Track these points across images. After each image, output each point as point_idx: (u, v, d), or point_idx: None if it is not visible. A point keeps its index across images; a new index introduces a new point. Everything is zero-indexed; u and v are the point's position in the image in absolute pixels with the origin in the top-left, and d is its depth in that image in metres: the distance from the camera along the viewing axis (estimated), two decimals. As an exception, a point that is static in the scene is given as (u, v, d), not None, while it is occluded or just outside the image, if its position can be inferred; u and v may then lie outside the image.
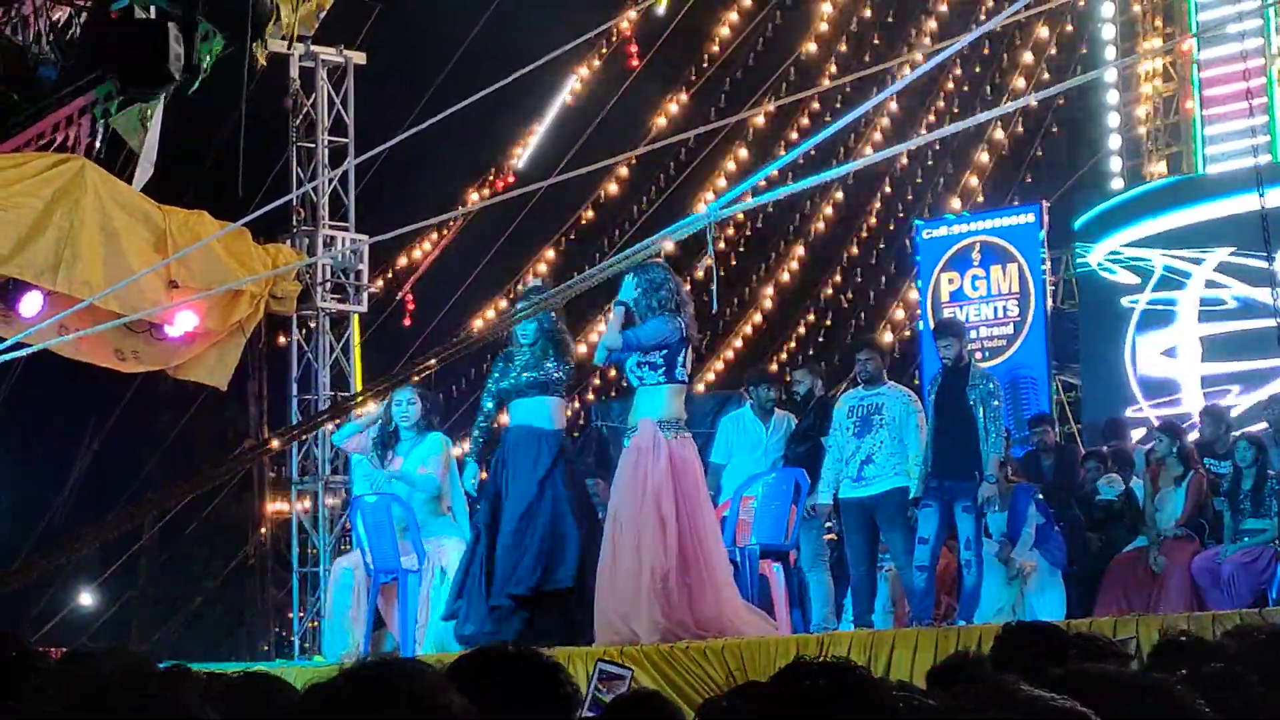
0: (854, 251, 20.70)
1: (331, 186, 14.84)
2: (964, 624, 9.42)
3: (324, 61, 15.00)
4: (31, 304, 12.54)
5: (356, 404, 13.85)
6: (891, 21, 19.92)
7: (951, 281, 16.34)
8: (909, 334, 19.09)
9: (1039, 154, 19.85)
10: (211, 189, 14.93)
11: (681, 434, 9.32)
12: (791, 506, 10.67)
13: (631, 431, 9.39)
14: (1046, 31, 19.54)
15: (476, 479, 10.26)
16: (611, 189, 19.19)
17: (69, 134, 13.71)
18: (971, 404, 10.10)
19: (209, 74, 12.37)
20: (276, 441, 13.45)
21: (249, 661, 13.87)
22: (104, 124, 13.41)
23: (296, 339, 14.93)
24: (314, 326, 14.90)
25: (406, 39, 18.02)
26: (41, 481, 18.88)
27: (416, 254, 17.99)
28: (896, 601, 11.26)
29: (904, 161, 20.26)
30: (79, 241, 12.37)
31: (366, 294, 15.14)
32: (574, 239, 19.18)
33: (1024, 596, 11.46)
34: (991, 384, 10.30)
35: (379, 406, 11.11)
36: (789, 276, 20.69)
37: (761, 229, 20.48)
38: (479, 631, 9.66)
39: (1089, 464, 12.58)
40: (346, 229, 14.96)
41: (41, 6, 12.62)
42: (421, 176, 18.98)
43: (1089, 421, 15.95)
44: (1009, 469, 11.67)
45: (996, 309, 16.11)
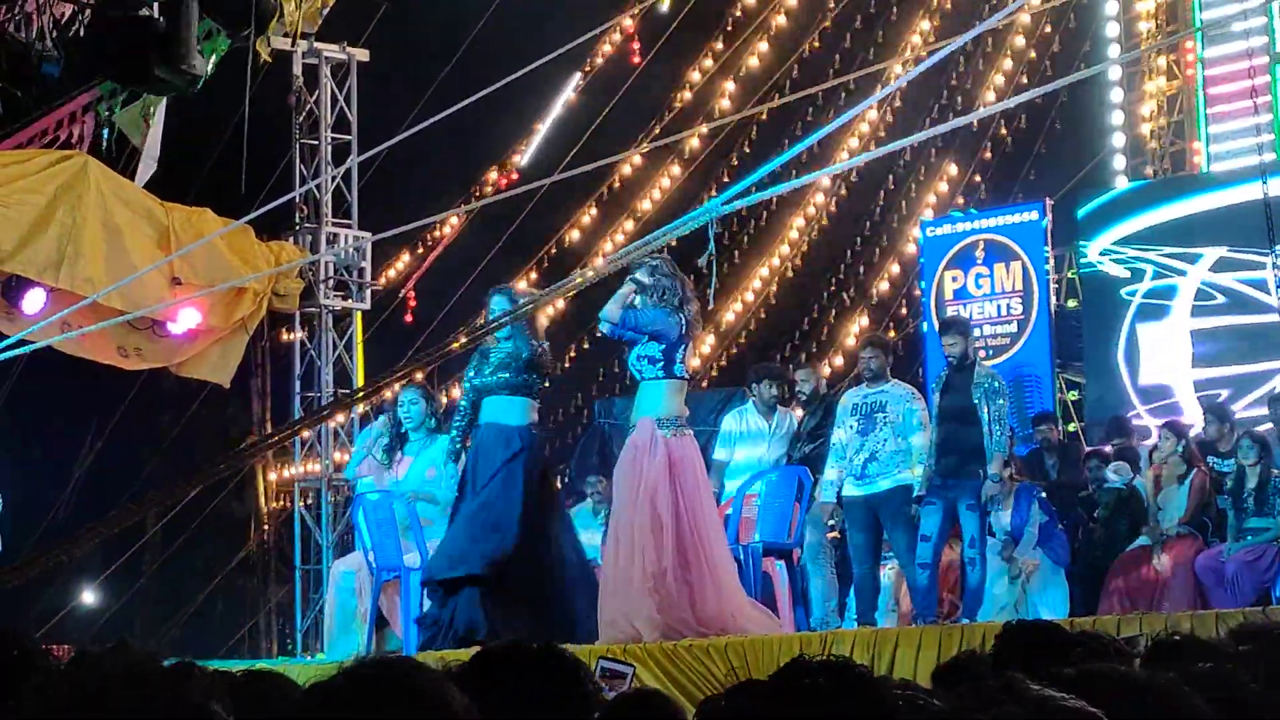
0: (857, 249, 20.68)
1: (335, 183, 14.85)
2: (967, 622, 9.42)
3: (327, 59, 15.00)
4: (34, 301, 12.54)
5: (357, 400, 13.88)
6: (894, 20, 19.90)
7: (955, 279, 16.32)
8: (910, 330, 19.06)
9: (1043, 152, 19.82)
10: (214, 186, 14.93)
11: (681, 431, 9.31)
12: (795, 504, 10.66)
13: (632, 429, 9.39)
14: (1049, 29, 19.51)
15: (457, 479, 10.24)
16: (615, 187, 19.17)
17: (72, 131, 13.72)
18: (976, 402, 10.08)
19: (212, 75, 12.37)
20: (277, 438, 13.46)
21: (251, 659, 13.88)
22: (108, 121, 13.42)
23: (299, 336, 14.93)
24: (317, 323, 14.90)
25: (409, 36, 18.00)
26: (44, 479, 18.87)
27: (419, 251, 18.00)
28: (899, 600, 11.25)
29: (907, 158, 20.24)
30: (82, 238, 12.37)
31: (369, 291, 15.14)
32: (575, 236, 19.16)
33: (1026, 595, 11.45)
34: (996, 382, 10.26)
35: (382, 424, 11.18)
36: (792, 273, 20.67)
37: (764, 226, 20.45)
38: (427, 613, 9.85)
39: (1091, 462, 12.57)
40: (349, 226, 14.96)
41: (45, 3, 12.61)
42: (424, 174, 18.98)
43: (1092, 419, 15.93)
44: (1013, 467, 11.65)
45: (1000, 307, 16.09)
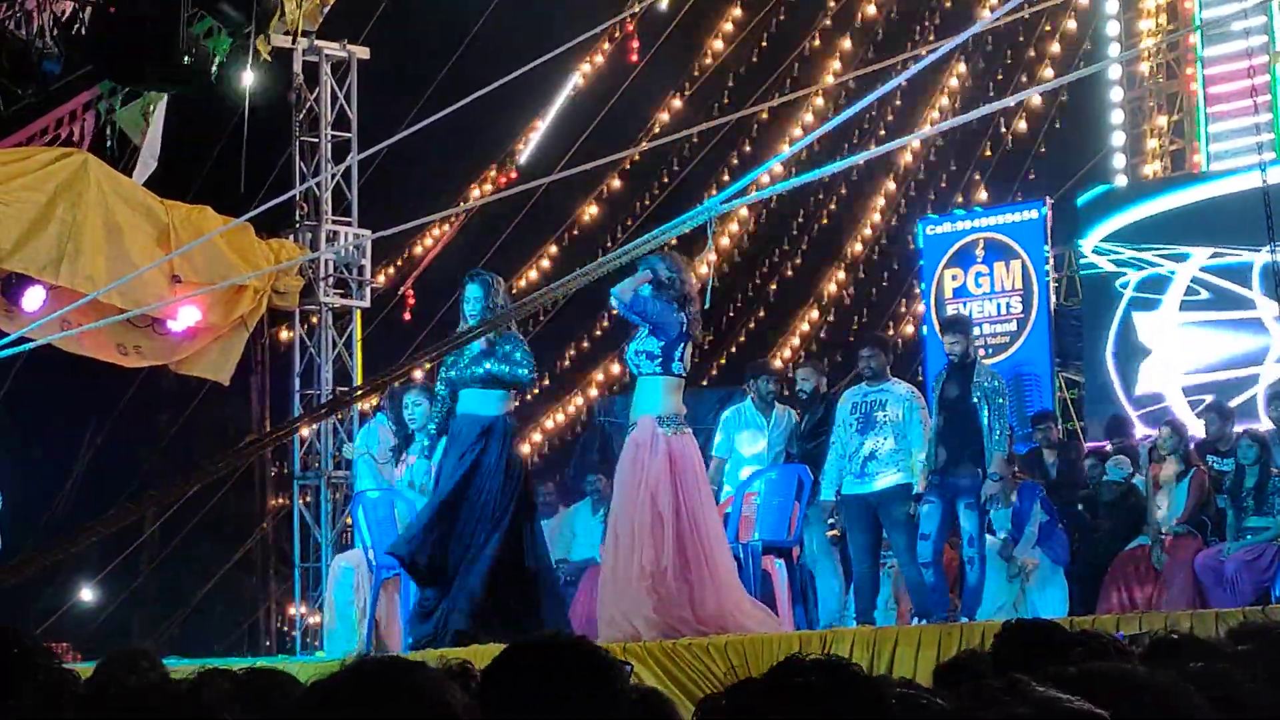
0: (857, 248, 20.67)
1: (334, 181, 14.83)
2: (967, 621, 9.42)
3: (328, 56, 14.98)
4: (34, 299, 12.54)
5: (357, 398, 13.88)
6: (895, 18, 19.88)
7: (955, 278, 16.33)
8: (910, 330, 19.06)
9: (1043, 151, 19.81)
10: (214, 184, 14.92)
11: (681, 430, 9.31)
12: (794, 503, 10.66)
13: (632, 427, 9.38)
14: (1050, 28, 19.51)
15: (430, 476, 10.25)
16: (615, 184, 19.17)
17: (73, 129, 13.72)
18: (975, 401, 10.08)
19: (216, 75, 12.38)
20: (277, 435, 13.46)
21: (251, 657, 13.86)
22: (109, 119, 13.42)
23: (299, 334, 14.92)
24: (316, 321, 14.89)
25: (410, 34, 17.99)
26: (43, 477, 18.86)
27: (419, 249, 17.99)
28: (899, 598, 11.25)
29: (908, 159, 20.23)
30: (81, 236, 12.37)
31: (369, 289, 15.13)
32: (576, 234, 19.16)
33: (1026, 594, 11.45)
34: (996, 381, 10.26)
35: (380, 422, 11.19)
36: (792, 272, 20.67)
37: (765, 225, 20.45)
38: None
39: (1090, 461, 12.58)
40: (349, 224, 14.95)
41: (45, 1, 12.61)
42: (424, 172, 18.96)
43: (1091, 418, 15.93)
44: (1015, 466, 11.65)
45: (1000, 305, 16.09)
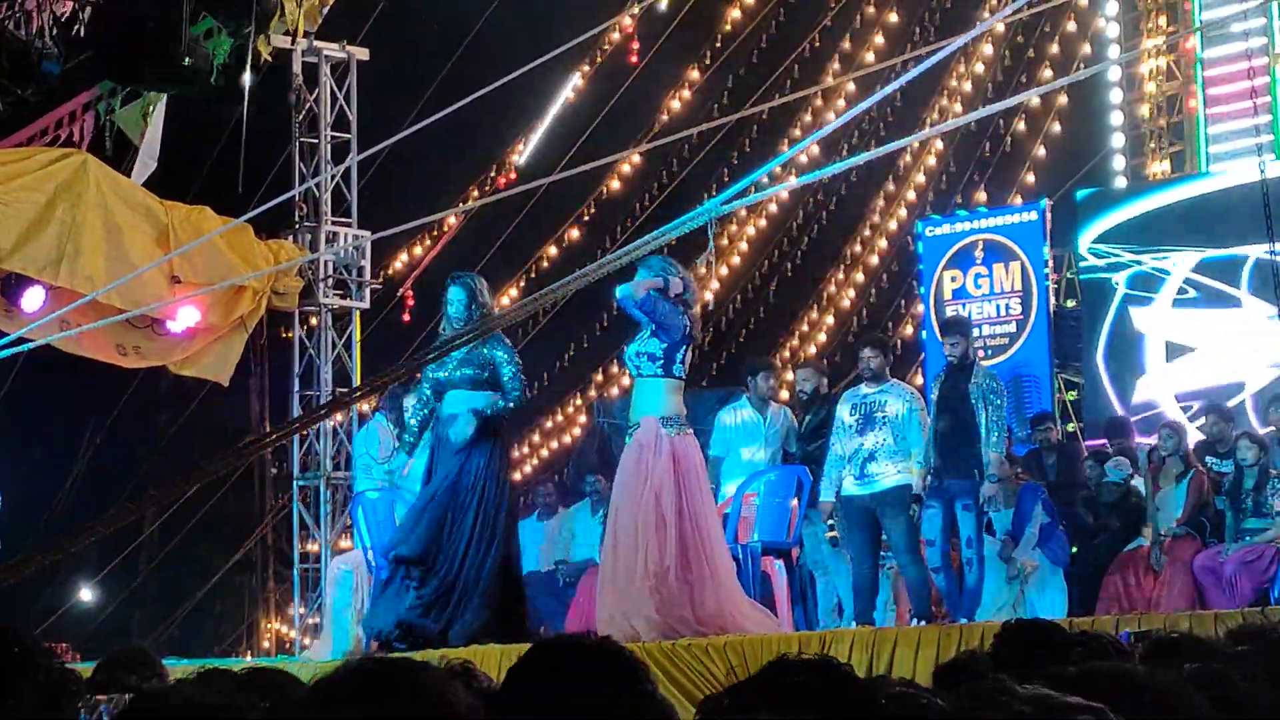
0: (856, 249, 20.68)
1: (334, 182, 14.83)
2: (966, 622, 9.42)
3: (327, 57, 14.99)
4: (33, 299, 12.55)
5: (356, 399, 13.88)
6: (896, 19, 19.89)
7: (954, 279, 16.33)
8: (910, 331, 19.06)
9: (1042, 153, 19.82)
10: (214, 184, 14.93)
11: (684, 431, 9.32)
12: (793, 503, 10.65)
13: (634, 428, 9.38)
14: (1050, 29, 19.52)
15: (416, 469, 10.27)
16: (614, 186, 19.18)
17: (72, 129, 13.73)
18: (974, 402, 10.08)
19: (218, 77, 12.38)
20: (275, 436, 13.46)
21: (250, 657, 13.88)
22: (109, 120, 13.42)
23: (298, 334, 14.93)
24: (316, 322, 14.89)
25: (409, 35, 18.01)
26: (43, 477, 18.88)
27: (418, 250, 18.00)
28: (898, 599, 11.25)
29: (907, 159, 20.24)
30: (81, 236, 12.37)
31: (368, 290, 15.14)
32: (576, 235, 19.17)
33: (1025, 595, 11.45)
34: (994, 382, 10.26)
35: (380, 422, 11.20)
36: (792, 272, 20.68)
37: (765, 225, 20.45)
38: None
39: (1090, 462, 12.58)
40: (349, 225, 14.96)
41: (44, 1, 12.62)
42: (424, 173, 18.97)
43: (1091, 420, 15.94)
44: (1017, 468, 11.65)
45: (999, 307, 16.09)
